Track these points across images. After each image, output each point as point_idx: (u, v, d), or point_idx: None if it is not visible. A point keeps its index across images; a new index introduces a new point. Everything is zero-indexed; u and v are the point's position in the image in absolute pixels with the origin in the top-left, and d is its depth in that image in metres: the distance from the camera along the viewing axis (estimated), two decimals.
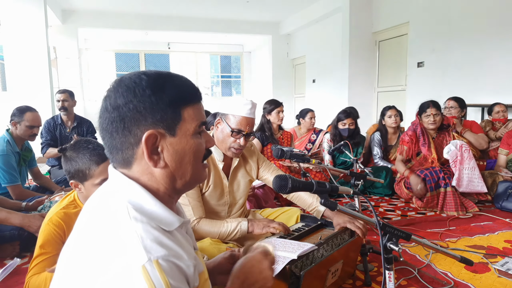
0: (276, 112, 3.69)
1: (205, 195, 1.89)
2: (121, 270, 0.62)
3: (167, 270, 0.64)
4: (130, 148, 0.74)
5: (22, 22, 5.96)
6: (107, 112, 0.74)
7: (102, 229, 0.68)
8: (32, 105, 3.06)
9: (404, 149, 3.37)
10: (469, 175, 3.04)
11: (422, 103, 3.38)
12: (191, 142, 0.77)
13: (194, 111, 0.78)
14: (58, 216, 1.52)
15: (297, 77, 10.39)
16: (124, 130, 0.73)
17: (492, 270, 1.98)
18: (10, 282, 1.94)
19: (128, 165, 0.76)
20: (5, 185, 2.72)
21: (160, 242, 0.67)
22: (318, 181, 1.17)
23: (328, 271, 1.55)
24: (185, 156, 0.77)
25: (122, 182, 0.75)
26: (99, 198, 0.76)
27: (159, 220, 0.72)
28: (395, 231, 1.11)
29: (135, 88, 0.73)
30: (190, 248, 0.77)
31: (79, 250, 0.69)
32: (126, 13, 8.86)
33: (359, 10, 6.79)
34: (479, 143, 3.68)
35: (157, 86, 0.74)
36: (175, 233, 0.75)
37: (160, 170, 0.75)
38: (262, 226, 1.75)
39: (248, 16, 9.51)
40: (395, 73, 6.55)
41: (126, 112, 0.72)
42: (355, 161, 2.89)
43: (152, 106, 0.72)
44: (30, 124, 2.87)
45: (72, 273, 0.67)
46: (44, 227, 1.51)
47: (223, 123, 1.82)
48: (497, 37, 4.52)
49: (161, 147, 0.74)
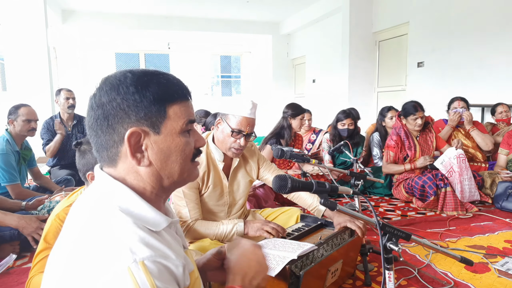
0: (300, 119, 3.50)
1: (204, 196, 1.88)
2: (106, 271, 0.62)
3: (153, 272, 0.63)
4: (115, 146, 0.74)
5: (22, 22, 5.96)
6: (92, 110, 0.74)
7: (88, 231, 0.68)
8: (32, 105, 3.07)
9: (390, 154, 3.35)
10: (469, 186, 3.05)
11: (407, 105, 3.34)
12: (177, 141, 0.76)
13: (180, 109, 0.76)
14: (65, 213, 1.52)
15: (297, 77, 10.38)
16: (108, 127, 0.73)
17: (492, 270, 1.98)
18: (11, 282, 1.94)
19: (113, 164, 0.76)
20: (5, 184, 2.73)
21: (146, 243, 0.66)
22: (317, 181, 1.17)
23: (328, 271, 1.55)
24: (171, 154, 0.76)
25: (108, 184, 0.74)
26: (86, 200, 0.75)
27: (146, 221, 0.71)
28: (395, 231, 1.11)
29: (119, 85, 0.73)
30: (179, 248, 0.77)
31: (65, 252, 0.68)
32: (126, 13, 8.85)
33: (359, 10, 6.79)
34: (485, 144, 3.64)
35: (141, 84, 0.73)
36: (162, 233, 0.74)
37: (145, 168, 0.75)
38: (256, 228, 1.75)
39: (248, 16, 9.50)
40: (395, 73, 6.54)
41: (109, 110, 0.72)
42: (355, 161, 2.89)
43: (135, 104, 0.72)
44: (26, 118, 2.91)
45: (58, 275, 0.67)
46: (50, 222, 1.51)
47: (223, 123, 1.82)
48: (497, 37, 4.52)
49: (145, 145, 0.74)
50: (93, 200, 0.73)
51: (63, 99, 3.80)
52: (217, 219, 1.90)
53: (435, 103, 4.60)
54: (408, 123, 3.34)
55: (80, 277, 0.63)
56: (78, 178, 3.57)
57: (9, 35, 6.00)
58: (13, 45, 6.03)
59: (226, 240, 1.78)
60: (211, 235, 1.77)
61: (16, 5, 5.92)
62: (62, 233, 0.74)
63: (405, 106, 3.37)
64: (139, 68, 0.78)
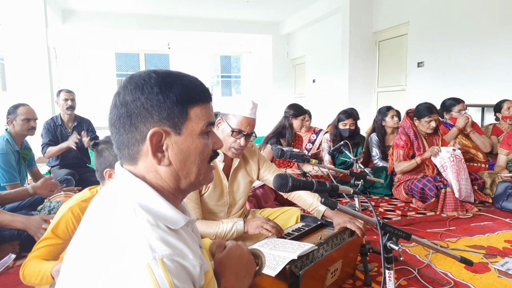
0: (301, 119, 3.62)
1: (204, 196, 1.88)
2: (126, 267, 0.62)
3: (172, 270, 0.64)
4: (136, 145, 0.75)
5: (22, 22, 5.96)
6: (116, 108, 0.75)
7: (108, 227, 0.68)
8: (32, 105, 3.07)
9: (399, 153, 3.34)
10: (465, 186, 3.06)
11: (421, 107, 3.31)
12: (197, 142, 0.77)
13: (201, 111, 0.78)
14: (79, 208, 1.52)
15: (297, 77, 10.38)
16: (131, 126, 0.74)
17: (492, 270, 1.98)
18: (10, 282, 1.94)
19: (134, 162, 0.77)
20: (4, 184, 2.73)
21: (166, 241, 0.67)
22: (318, 180, 1.17)
23: (328, 271, 1.55)
24: (190, 155, 0.77)
25: (129, 180, 0.75)
26: (106, 196, 0.76)
27: (165, 219, 0.72)
28: (395, 230, 1.11)
29: (144, 85, 0.74)
30: (196, 247, 0.78)
31: (85, 246, 0.70)
32: (126, 13, 8.85)
33: (359, 10, 6.79)
34: (484, 146, 3.66)
35: (165, 84, 0.74)
36: (180, 231, 0.75)
37: (164, 168, 0.76)
38: (256, 226, 1.75)
39: (248, 16, 9.50)
40: (395, 73, 6.55)
41: (133, 109, 0.73)
42: (355, 161, 2.89)
43: (159, 104, 0.73)
44: (25, 117, 2.91)
45: (78, 269, 0.68)
46: (61, 214, 1.51)
47: (223, 123, 1.82)
48: (497, 37, 4.52)
49: (166, 145, 0.75)
50: (113, 196, 0.74)
51: (62, 100, 3.79)
52: (217, 219, 1.90)
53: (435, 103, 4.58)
54: (421, 124, 3.29)
55: (99, 272, 0.64)
56: (78, 178, 3.57)
57: (9, 35, 6.00)
58: (13, 45, 6.03)
59: (226, 239, 1.78)
60: (211, 234, 1.77)
61: (16, 5, 5.92)
62: (81, 227, 0.75)
63: (419, 107, 3.32)
64: (163, 68, 0.80)
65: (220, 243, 0.97)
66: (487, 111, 4.77)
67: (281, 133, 3.56)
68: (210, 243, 1.68)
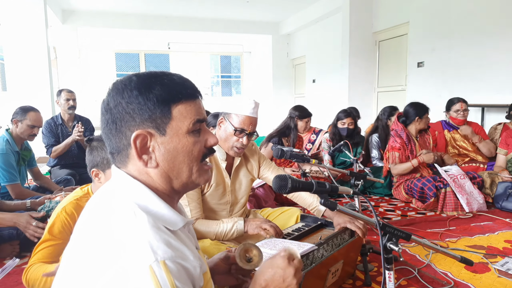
0: (306, 121, 3.79)
1: (206, 195, 1.89)
2: (127, 268, 0.62)
3: (173, 272, 0.64)
4: (124, 149, 0.75)
5: (22, 22, 5.96)
6: (103, 115, 0.76)
7: (108, 228, 0.68)
8: (32, 105, 3.06)
9: (395, 156, 3.34)
10: (474, 195, 3.06)
11: (418, 109, 3.36)
12: (184, 141, 0.76)
13: (186, 108, 0.76)
14: (72, 206, 1.54)
15: (297, 77, 10.38)
16: (117, 131, 0.74)
17: (492, 270, 1.98)
18: (10, 282, 1.94)
19: (125, 166, 0.77)
20: (4, 184, 2.73)
21: (168, 242, 0.67)
22: (318, 181, 1.17)
23: (328, 271, 1.55)
24: (178, 155, 0.76)
25: (127, 181, 0.75)
26: (103, 196, 0.76)
27: (164, 220, 0.72)
28: (395, 231, 1.11)
29: (124, 89, 0.74)
30: (194, 248, 0.77)
31: (83, 247, 0.69)
32: (126, 13, 8.85)
33: (359, 10, 6.79)
34: (490, 153, 3.68)
35: (145, 86, 0.74)
36: (179, 233, 0.75)
37: (153, 170, 0.75)
38: (255, 226, 1.76)
39: (248, 16, 9.50)
40: (395, 73, 6.55)
41: (116, 114, 0.74)
42: (355, 161, 2.89)
43: (140, 107, 0.73)
44: (32, 123, 2.89)
45: (76, 269, 0.67)
46: (56, 215, 1.52)
47: (226, 122, 1.83)
48: (497, 37, 4.52)
49: (152, 147, 0.74)
50: (111, 197, 0.74)
51: (64, 100, 3.79)
52: (219, 218, 1.90)
53: (435, 103, 4.59)
54: (415, 126, 3.35)
55: (97, 273, 0.63)
56: (78, 178, 3.58)
57: (9, 35, 6.00)
58: (13, 45, 6.03)
59: (226, 238, 1.79)
60: (211, 233, 1.77)
61: (16, 5, 5.92)
62: (79, 228, 0.75)
63: (416, 110, 3.36)
64: (145, 71, 0.79)
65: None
66: (487, 111, 4.77)
67: (284, 133, 3.64)
68: (210, 244, 1.69)
